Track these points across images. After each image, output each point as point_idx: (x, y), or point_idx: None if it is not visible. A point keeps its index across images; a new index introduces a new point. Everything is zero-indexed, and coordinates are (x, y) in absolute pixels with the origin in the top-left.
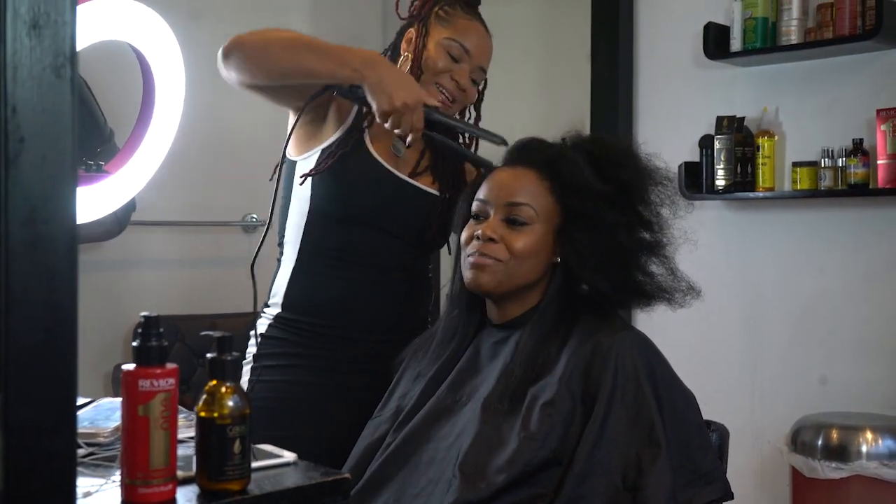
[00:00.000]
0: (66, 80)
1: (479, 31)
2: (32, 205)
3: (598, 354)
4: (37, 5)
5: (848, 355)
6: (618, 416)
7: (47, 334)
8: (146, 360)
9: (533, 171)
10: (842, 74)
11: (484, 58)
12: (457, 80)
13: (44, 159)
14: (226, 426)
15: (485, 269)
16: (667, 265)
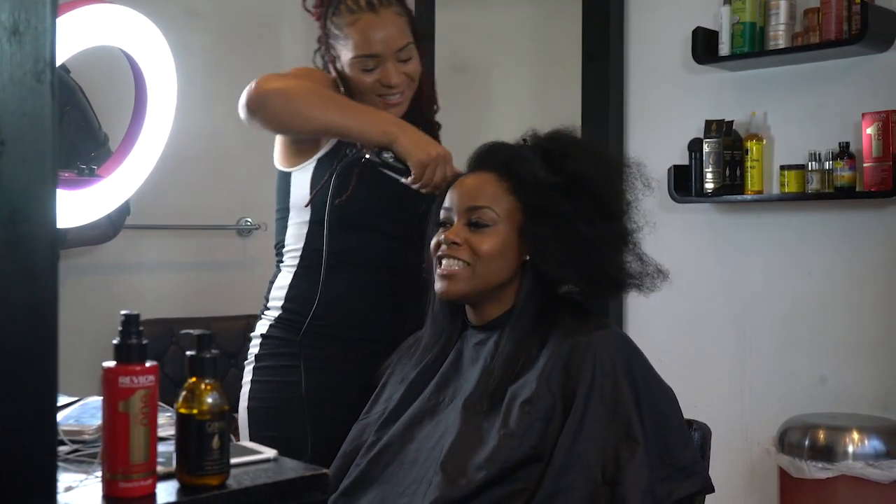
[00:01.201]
0: (47, 85)
1: (373, 22)
2: (13, 206)
3: (576, 352)
4: (17, 12)
5: (836, 357)
6: (596, 411)
7: (28, 333)
8: (126, 357)
9: (493, 174)
10: (828, 78)
11: (390, 42)
12: (388, 84)
13: (24, 162)
14: (205, 422)
15: (453, 278)
16: (634, 252)
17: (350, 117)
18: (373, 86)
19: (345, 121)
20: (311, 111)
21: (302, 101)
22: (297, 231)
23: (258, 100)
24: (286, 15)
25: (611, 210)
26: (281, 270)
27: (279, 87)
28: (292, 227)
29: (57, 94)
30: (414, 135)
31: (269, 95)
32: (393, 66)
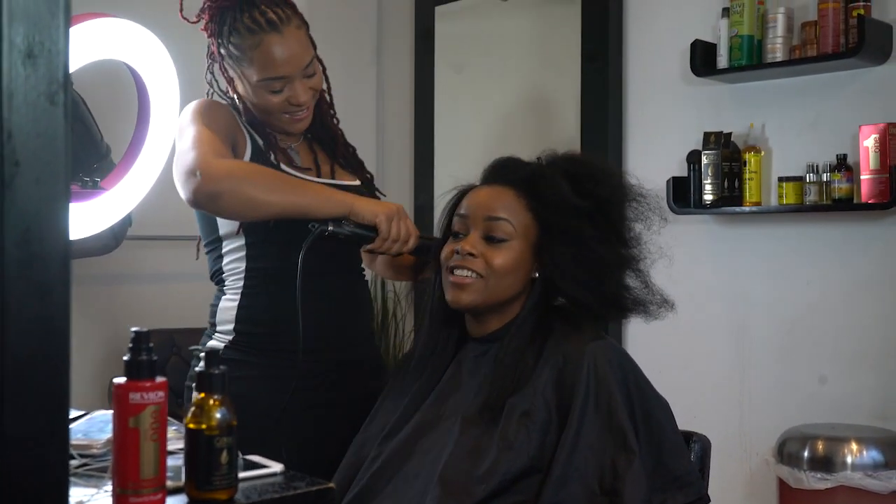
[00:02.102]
0: (60, 106)
1: (277, 42)
2: (27, 225)
3: (570, 363)
4: (31, 35)
5: (834, 367)
6: (592, 422)
7: (41, 348)
8: (137, 373)
9: (510, 188)
10: (826, 91)
11: (296, 61)
12: (296, 103)
13: (38, 182)
14: (213, 437)
15: (465, 288)
16: (642, 279)
17: (304, 197)
18: (280, 105)
19: (300, 200)
20: (267, 198)
21: (255, 191)
22: (236, 255)
23: (209, 195)
24: None
25: (627, 237)
26: (225, 293)
27: (230, 183)
28: (229, 253)
29: (70, 115)
30: (366, 199)
31: (222, 194)
32: (300, 84)
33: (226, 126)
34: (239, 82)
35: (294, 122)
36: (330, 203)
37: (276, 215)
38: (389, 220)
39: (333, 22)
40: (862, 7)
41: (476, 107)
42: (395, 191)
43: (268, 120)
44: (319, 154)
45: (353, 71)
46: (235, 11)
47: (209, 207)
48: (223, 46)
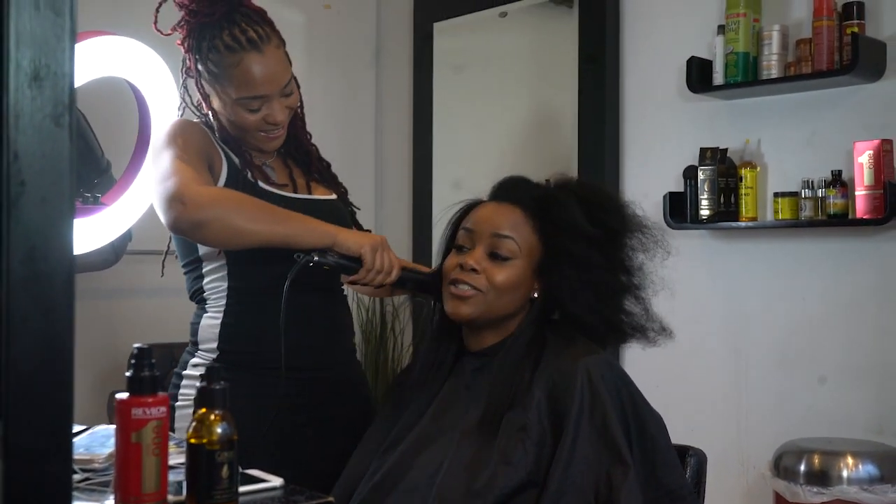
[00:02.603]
0: (65, 128)
1: (254, 62)
2: (32, 243)
3: (564, 378)
4: (38, 58)
5: (830, 382)
6: (586, 436)
7: (45, 364)
8: (139, 389)
9: (518, 208)
10: (821, 107)
11: (277, 80)
12: (272, 122)
13: (43, 201)
14: (214, 451)
15: (465, 301)
16: (642, 306)
17: (288, 227)
18: (257, 124)
19: (284, 231)
20: (252, 228)
21: (240, 220)
22: (217, 274)
23: (193, 223)
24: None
25: (633, 267)
26: (207, 311)
27: (215, 212)
28: (210, 272)
29: (75, 136)
30: (350, 231)
31: (207, 222)
32: (278, 103)
33: (201, 146)
34: (216, 99)
35: (269, 140)
36: (314, 234)
37: (260, 244)
38: (374, 252)
39: (333, 37)
40: (856, 25)
41: (474, 122)
42: (393, 204)
43: (243, 137)
44: (294, 169)
45: (352, 85)
46: (215, 28)
47: (192, 235)
48: (201, 62)
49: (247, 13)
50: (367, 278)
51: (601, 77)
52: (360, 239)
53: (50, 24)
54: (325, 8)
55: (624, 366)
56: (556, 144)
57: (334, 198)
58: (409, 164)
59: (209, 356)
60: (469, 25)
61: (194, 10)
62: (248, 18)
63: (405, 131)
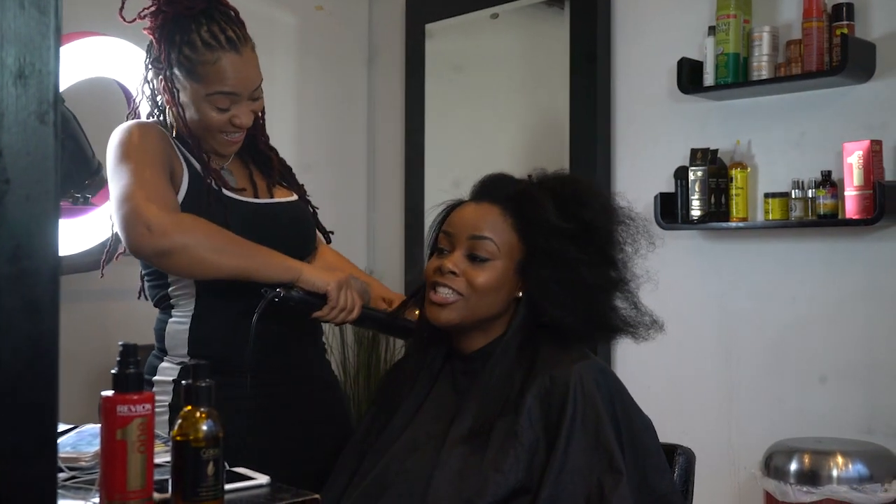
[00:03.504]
0: (50, 126)
1: (232, 62)
2: (17, 241)
3: (558, 384)
4: (22, 56)
5: (820, 381)
6: (579, 443)
7: (31, 364)
8: (124, 386)
9: (497, 207)
10: (811, 108)
11: (251, 83)
12: (238, 124)
13: (28, 199)
14: (200, 449)
15: (445, 306)
16: (630, 300)
17: (254, 261)
18: (221, 124)
19: (250, 265)
20: (218, 261)
21: (207, 253)
22: (184, 281)
23: (159, 251)
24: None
25: (613, 259)
26: (173, 316)
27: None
28: (176, 283)
29: (59, 133)
30: (313, 267)
31: (173, 253)
32: (245, 106)
33: (162, 155)
34: (183, 93)
35: (229, 143)
36: (279, 269)
37: (224, 277)
38: (339, 290)
39: (324, 39)
40: (845, 26)
41: (467, 123)
42: (385, 207)
43: (202, 137)
44: (255, 172)
45: (344, 87)
46: (193, 22)
47: (155, 262)
48: (174, 54)
49: (225, 11)
50: (329, 315)
51: (592, 78)
52: (325, 276)
53: (35, 22)
54: (317, 9)
55: (614, 367)
56: (548, 145)
57: (296, 199)
58: (401, 166)
59: (179, 360)
60: (461, 27)
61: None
62: (227, 17)
63: (398, 132)
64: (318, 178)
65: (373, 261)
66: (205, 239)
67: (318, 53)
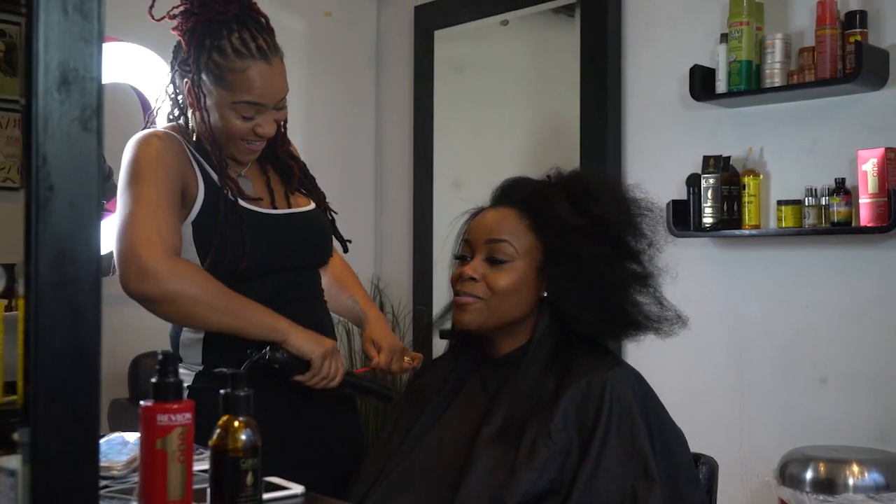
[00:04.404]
0: (93, 132)
1: (260, 71)
2: (61, 248)
3: (593, 389)
4: (66, 62)
5: (834, 389)
6: (613, 448)
7: (73, 370)
8: (164, 395)
9: (513, 209)
10: (824, 116)
11: (277, 93)
12: (261, 134)
13: (71, 205)
14: (238, 459)
15: (467, 310)
16: (653, 295)
17: (241, 321)
18: (243, 133)
19: (237, 324)
20: (205, 317)
21: (196, 308)
22: None
23: (148, 297)
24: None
25: (631, 253)
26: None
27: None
28: None
29: (102, 139)
30: (302, 332)
31: (163, 302)
32: (270, 116)
33: (175, 175)
34: (208, 98)
35: (249, 151)
36: (266, 329)
37: (212, 331)
38: (324, 359)
39: (333, 45)
40: (859, 34)
41: (475, 131)
42: (393, 213)
43: (223, 144)
44: (273, 178)
45: (352, 93)
46: (225, 27)
47: (143, 305)
48: (202, 58)
49: (257, 19)
50: (311, 381)
51: (603, 85)
52: (311, 344)
53: (78, 28)
54: (326, 15)
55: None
56: (559, 153)
57: (313, 208)
58: (409, 172)
59: (196, 367)
60: (470, 33)
61: (206, 2)
62: (258, 25)
63: (406, 139)
64: (326, 185)
65: (380, 267)
66: (195, 293)
67: (326, 60)
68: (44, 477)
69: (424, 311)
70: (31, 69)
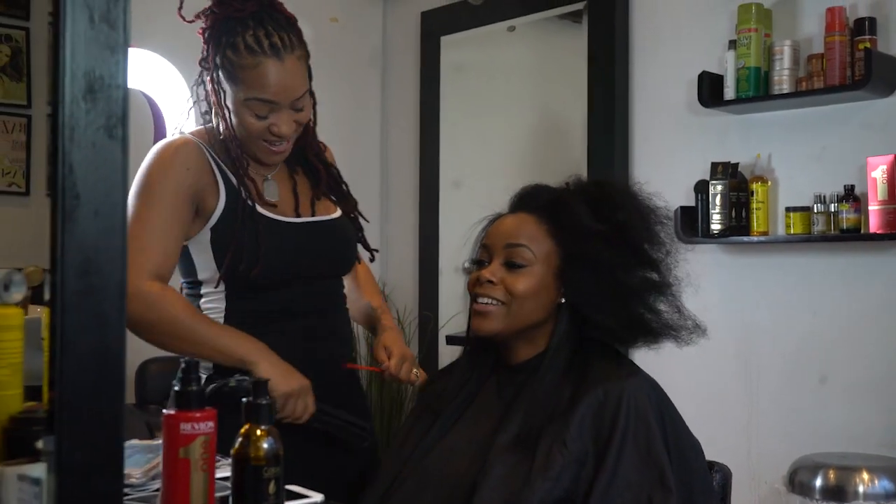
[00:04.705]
0: (119, 140)
1: (273, 70)
2: (86, 256)
3: (610, 397)
4: (93, 70)
5: (842, 396)
6: (630, 457)
7: (98, 379)
8: (187, 403)
9: (532, 215)
10: (832, 122)
11: (290, 92)
12: (277, 133)
13: (97, 214)
14: (261, 467)
15: (486, 315)
16: (672, 303)
17: (212, 352)
18: (260, 132)
19: (207, 354)
20: (179, 347)
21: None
22: (215, 296)
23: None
24: None
25: (651, 261)
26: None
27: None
28: (208, 294)
29: (128, 148)
30: (275, 364)
31: (134, 325)
32: (286, 115)
33: (184, 188)
34: (228, 98)
35: (271, 152)
36: (231, 359)
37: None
38: (287, 398)
39: (339, 51)
40: (868, 40)
41: (482, 136)
42: (399, 220)
43: (245, 142)
44: (300, 183)
45: (358, 99)
46: (240, 25)
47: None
48: (219, 56)
49: (276, 17)
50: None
51: (611, 91)
52: (278, 380)
53: (104, 37)
54: (332, 21)
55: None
56: (566, 159)
57: (337, 216)
58: (415, 178)
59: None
60: (477, 39)
61: (224, 0)
62: (276, 23)
63: (412, 145)
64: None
65: (386, 273)
66: (170, 325)
67: (332, 66)
68: (69, 485)
69: (430, 317)
70: (58, 78)
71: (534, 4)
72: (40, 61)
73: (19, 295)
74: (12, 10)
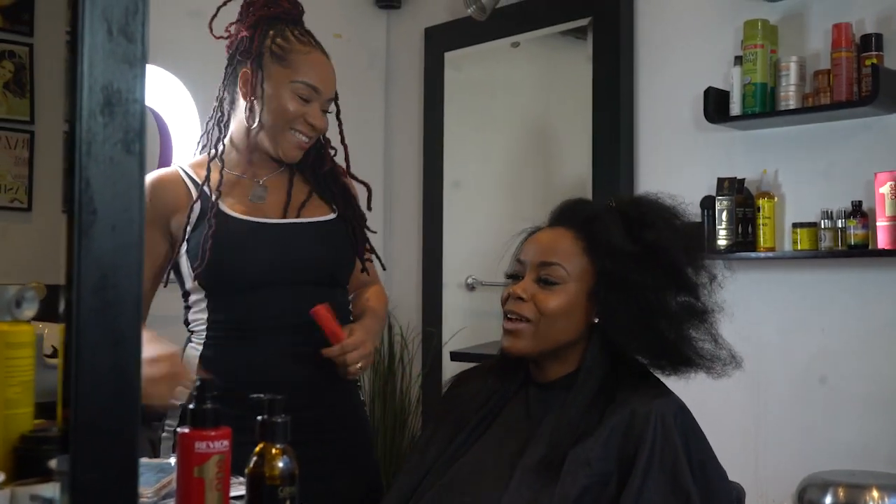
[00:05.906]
0: (136, 155)
1: (321, 61)
2: (103, 272)
3: (637, 418)
4: (110, 84)
5: (851, 413)
6: (655, 480)
7: (114, 397)
8: (202, 422)
9: (570, 231)
10: (839, 138)
11: (330, 87)
12: (311, 123)
13: (114, 229)
14: (276, 486)
15: (516, 334)
16: (707, 331)
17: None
18: (296, 117)
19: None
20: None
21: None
22: (200, 306)
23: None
24: None
25: (688, 285)
26: (192, 342)
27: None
28: (195, 304)
29: (145, 163)
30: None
31: None
32: (319, 110)
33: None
34: (267, 82)
35: (295, 145)
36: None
37: None
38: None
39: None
40: (875, 56)
41: (486, 152)
42: (402, 235)
43: (271, 135)
44: (297, 189)
45: (362, 115)
46: (289, 23)
47: None
48: (266, 42)
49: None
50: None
51: (616, 107)
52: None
53: (122, 50)
54: (336, 37)
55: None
56: (570, 175)
57: (328, 218)
58: (419, 194)
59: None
60: (481, 55)
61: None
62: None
63: (416, 160)
64: None
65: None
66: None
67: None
68: None
69: (434, 332)
70: (75, 92)
71: (538, 20)
72: (44, 77)
73: (31, 312)
74: (16, 27)
